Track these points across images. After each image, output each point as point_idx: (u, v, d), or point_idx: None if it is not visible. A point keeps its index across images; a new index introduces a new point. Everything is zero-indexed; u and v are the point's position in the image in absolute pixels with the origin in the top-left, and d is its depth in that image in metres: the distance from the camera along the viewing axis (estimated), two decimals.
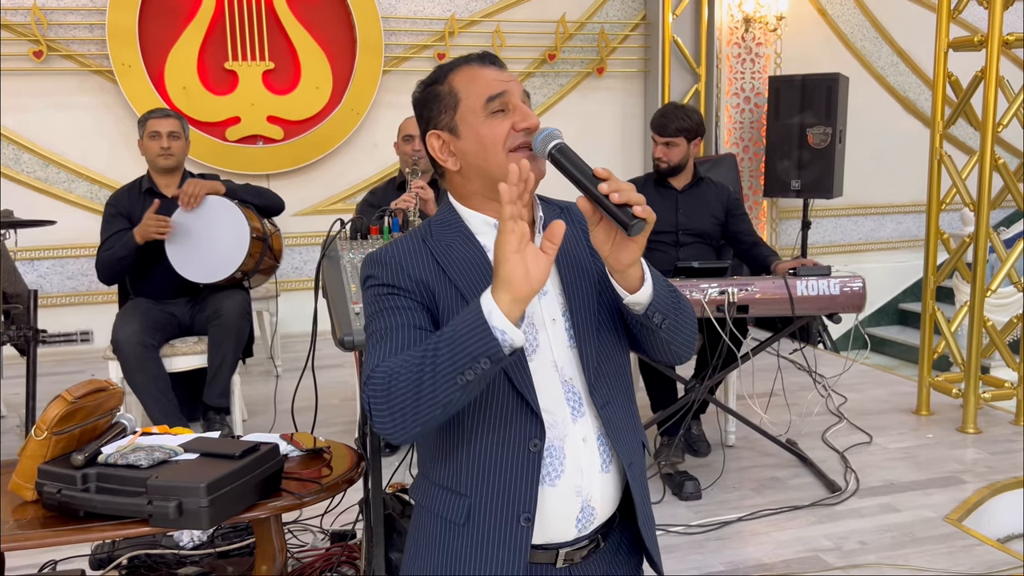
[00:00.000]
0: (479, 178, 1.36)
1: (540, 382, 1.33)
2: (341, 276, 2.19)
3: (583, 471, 1.35)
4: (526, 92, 1.40)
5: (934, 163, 3.98)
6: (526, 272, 1.16)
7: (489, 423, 1.33)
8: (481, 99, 1.34)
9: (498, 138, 1.33)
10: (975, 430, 3.81)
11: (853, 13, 6.72)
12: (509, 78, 1.37)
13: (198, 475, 1.84)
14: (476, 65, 1.38)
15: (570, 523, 1.36)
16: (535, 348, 1.34)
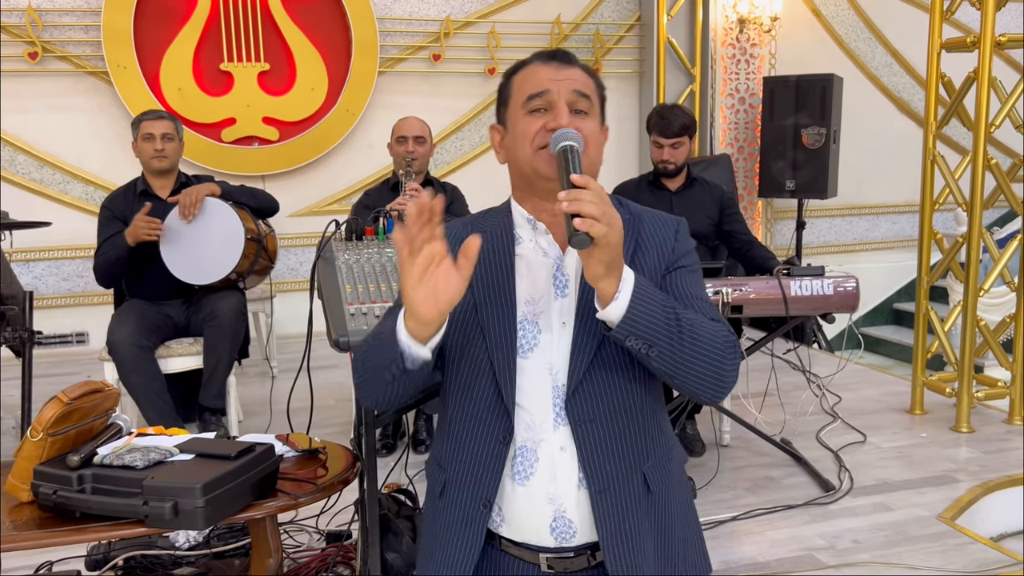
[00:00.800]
0: (516, 172, 1.42)
1: (529, 382, 1.35)
2: (336, 277, 2.20)
3: (556, 479, 1.35)
4: (599, 88, 1.42)
5: (927, 163, 4.00)
6: (433, 296, 1.20)
7: (467, 407, 1.40)
8: (524, 95, 1.37)
9: (528, 134, 1.35)
10: (968, 429, 3.83)
11: (847, 14, 6.74)
12: (563, 76, 1.36)
13: (194, 476, 1.85)
14: (537, 63, 1.40)
15: (543, 528, 1.36)
16: (532, 347, 1.36)
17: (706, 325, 1.30)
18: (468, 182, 6.02)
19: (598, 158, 1.39)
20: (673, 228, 1.44)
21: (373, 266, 2.26)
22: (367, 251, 2.35)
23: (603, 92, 1.45)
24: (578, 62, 1.41)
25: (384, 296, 2.11)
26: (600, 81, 1.45)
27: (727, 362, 1.30)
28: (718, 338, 1.30)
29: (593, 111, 1.38)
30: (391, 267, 2.26)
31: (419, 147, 3.80)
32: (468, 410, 1.39)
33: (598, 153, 1.39)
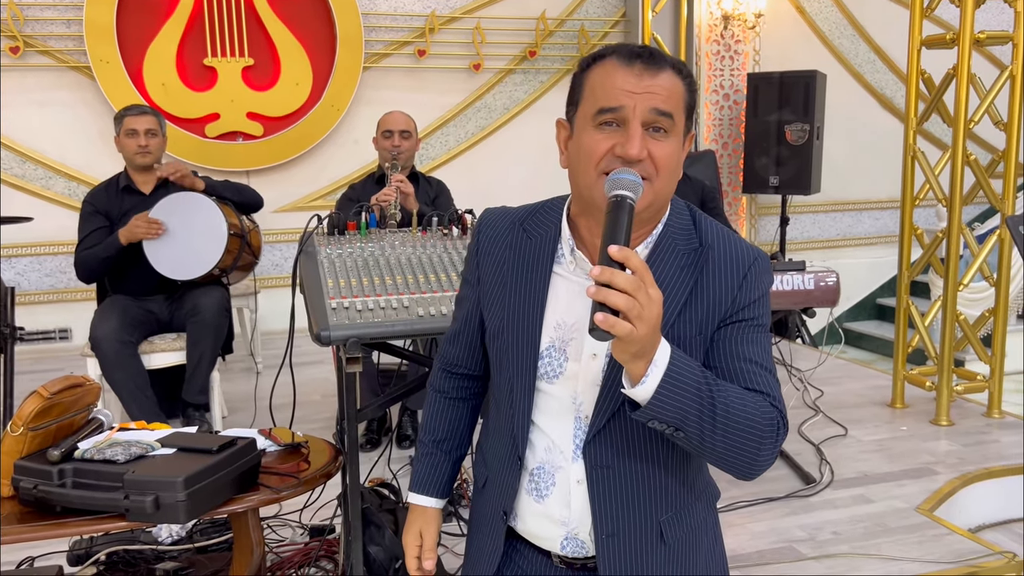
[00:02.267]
0: (575, 188, 1.28)
1: (553, 407, 1.31)
2: (318, 271, 2.20)
3: (571, 508, 1.31)
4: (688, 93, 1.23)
5: (908, 159, 4.03)
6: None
7: (497, 416, 1.40)
8: (596, 105, 1.21)
9: (594, 154, 1.20)
10: (948, 422, 3.87)
11: (831, 11, 6.78)
12: (644, 88, 1.18)
13: (175, 469, 1.85)
14: (617, 62, 1.21)
15: (555, 543, 1.35)
16: (558, 374, 1.29)
17: (747, 407, 1.16)
18: (453, 178, 6.00)
19: (668, 186, 1.23)
20: (742, 271, 1.24)
21: (356, 260, 2.26)
22: (349, 246, 2.35)
23: (693, 96, 1.25)
24: (668, 62, 1.21)
25: (366, 291, 2.12)
26: (692, 82, 1.25)
27: (764, 446, 1.18)
28: (757, 421, 1.16)
29: (675, 128, 1.21)
30: (373, 261, 2.26)
31: (405, 141, 3.80)
32: (497, 420, 1.40)
33: (670, 180, 1.22)
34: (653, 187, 1.20)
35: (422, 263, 2.27)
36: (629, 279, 1.03)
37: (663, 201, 1.25)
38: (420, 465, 1.53)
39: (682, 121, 1.22)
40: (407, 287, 2.15)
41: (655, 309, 1.05)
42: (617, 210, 1.12)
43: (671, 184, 1.23)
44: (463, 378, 1.51)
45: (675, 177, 1.24)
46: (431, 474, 1.51)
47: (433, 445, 1.51)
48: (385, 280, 2.17)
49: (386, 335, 2.01)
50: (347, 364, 1.98)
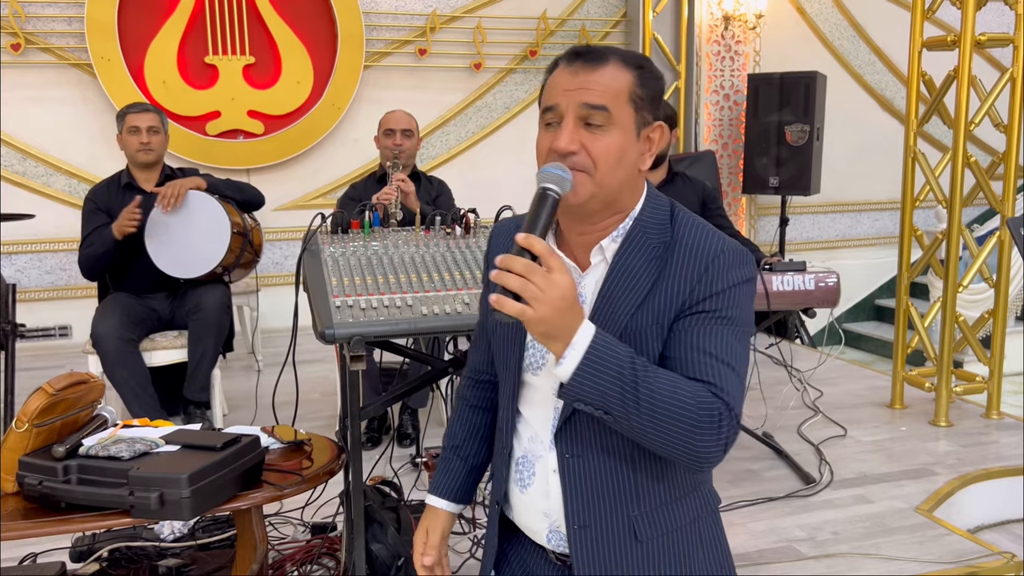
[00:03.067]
0: None
1: (536, 398, 1.35)
2: (322, 270, 2.21)
3: (549, 498, 1.33)
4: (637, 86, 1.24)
5: (908, 161, 4.05)
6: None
7: (501, 409, 1.43)
8: (542, 106, 1.28)
9: (541, 152, 1.26)
10: (947, 423, 3.88)
11: (831, 12, 6.79)
12: (577, 85, 1.22)
13: (179, 466, 1.86)
14: (563, 63, 1.27)
15: (541, 536, 1.37)
16: (541, 365, 1.32)
17: (678, 393, 1.15)
18: (454, 177, 6.01)
19: (612, 177, 1.23)
20: (704, 264, 1.23)
21: (359, 259, 2.27)
22: (353, 244, 2.36)
23: (648, 86, 1.25)
24: (613, 57, 1.24)
25: (370, 289, 2.12)
26: (645, 73, 1.25)
27: (700, 434, 1.15)
28: (688, 408, 1.14)
29: (614, 120, 1.22)
30: (376, 260, 2.27)
31: (406, 140, 3.81)
32: (500, 413, 1.43)
33: (612, 171, 1.23)
34: (593, 179, 1.22)
35: (425, 262, 2.28)
36: (524, 263, 1.10)
37: (611, 192, 1.25)
38: (437, 469, 1.56)
39: (626, 112, 1.23)
40: (410, 286, 2.16)
41: (556, 292, 1.10)
42: (537, 201, 1.18)
43: (615, 175, 1.24)
44: (485, 386, 1.54)
45: (622, 169, 1.24)
46: (444, 478, 1.54)
47: (451, 451, 1.54)
48: (388, 279, 2.17)
49: (389, 333, 2.02)
50: (351, 362, 1.98)
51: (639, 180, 1.29)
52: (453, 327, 2.07)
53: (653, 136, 1.27)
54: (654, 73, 1.28)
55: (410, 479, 3.20)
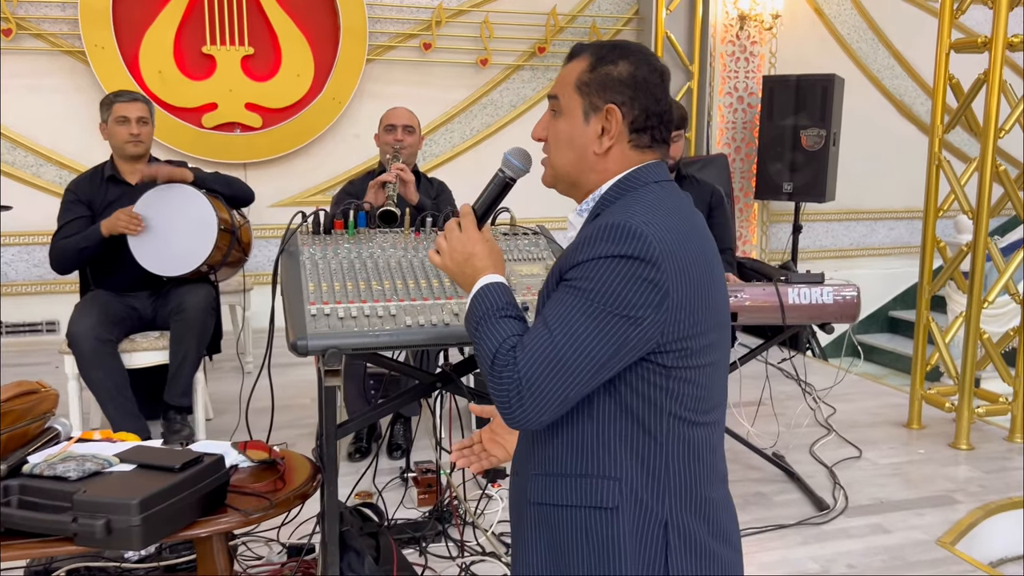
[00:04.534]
0: None
1: None
2: (300, 273, 2.02)
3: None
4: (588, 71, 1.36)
5: (932, 168, 3.84)
6: None
7: None
8: None
9: None
10: (968, 446, 3.67)
11: (850, 14, 6.58)
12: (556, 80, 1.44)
13: (130, 490, 1.68)
14: None
15: None
16: None
17: (491, 336, 1.28)
18: (458, 176, 5.84)
19: (559, 159, 1.38)
20: (583, 236, 1.29)
21: (340, 262, 2.08)
22: (335, 246, 2.17)
23: (594, 70, 1.35)
24: (584, 52, 1.38)
25: (350, 296, 1.94)
26: (596, 58, 1.35)
27: (491, 383, 1.26)
28: (487, 356, 1.27)
29: (562, 106, 1.37)
30: (360, 264, 2.08)
31: (408, 136, 3.64)
32: None
33: (560, 154, 1.38)
34: (547, 162, 1.41)
35: (413, 267, 2.09)
36: (450, 223, 1.42)
37: (565, 174, 1.39)
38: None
39: (574, 99, 1.36)
40: (395, 293, 1.97)
41: (458, 247, 1.39)
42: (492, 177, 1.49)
43: (564, 158, 1.38)
44: None
45: (571, 151, 1.37)
46: None
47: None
48: (372, 285, 1.99)
49: (369, 346, 1.83)
50: (325, 377, 1.80)
51: (599, 162, 1.36)
52: (440, 340, 1.88)
53: (607, 120, 1.34)
54: (613, 60, 1.35)
55: (397, 495, 3.01)
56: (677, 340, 1.26)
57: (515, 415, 1.24)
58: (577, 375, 1.22)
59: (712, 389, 1.34)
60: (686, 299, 1.25)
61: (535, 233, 2.34)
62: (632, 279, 1.21)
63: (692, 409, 1.31)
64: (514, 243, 2.27)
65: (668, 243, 1.24)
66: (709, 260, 1.31)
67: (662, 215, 1.27)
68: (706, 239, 1.34)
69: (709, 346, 1.31)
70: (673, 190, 1.37)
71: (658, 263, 1.22)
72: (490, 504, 2.96)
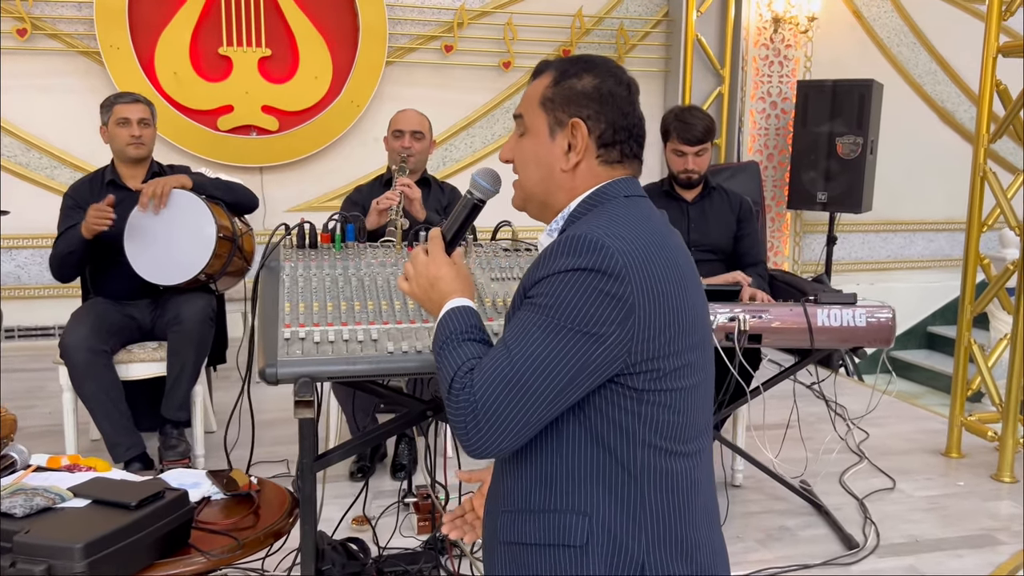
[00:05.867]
0: None
1: None
2: (277, 291, 1.86)
3: None
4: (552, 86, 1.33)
5: (976, 180, 3.60)
6: None
7: None
8: None
9: None
10: (1011, 479, 3.43)
11: (890, 17, 6.32)
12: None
13: (76, 532, 1.53)
14: None
15: None
16: None
17: (451, 360, 1.23)
18: None
19: (527, 179, 1.35)
20: (541, 255, 1.25)
21: (322, 280, 1.92)
22: (318, 262, 2.01)
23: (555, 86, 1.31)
24: (547, 70, 1.34)
25: (329, 318, 1.77)
26: (557, 74, 1.32)
27: (449, 400, 1.19)
28: (449, 375, 1.21)
29: (526, 125, 1.34)
30: (344, 282, 1.92)
31: (416, 143, 3.49)
32: None
33: (527, 174, 1.35)
34: (517, 183, 1.38)
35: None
36: (416, 250, 1.40)
37: (534, 194, 1.35)
38: None
39: (538, 116, 1.32)
40: (379, 315, 1.80)
41: (423, 271, 1.36)
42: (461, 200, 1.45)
43: (531, 177, 1.34)
44: None
45: (538, 170, 1.33)
46: None
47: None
48: (354, 306, 1.82)
49: (344, 375, 1.67)
50: (296, 409, 1.63)
51: (566, 179, 1.31)
52: (423, 369, 1.70)
53: (572, 135, 1.29)
54: (576, 74, 1.30)
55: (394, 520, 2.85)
56: (647, 360, 1.18)
57: (472, 441, 1.17)
58: (536, 398, 1.14)
59: (692, 415, 1.26)
60: (655, 315, 1.17)
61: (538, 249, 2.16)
62: (593, 293, 1.15)
63: (669, 438, 1.22)
64: (515, 260, 2.09)
65: (634, 255, 1.17)
66: (683, 275, 1.24)
67: (629, 227, 1.22)
68: (680, 253, 1.27)
69: (686, 367, 1.23)
70: (644, 204, 1.31)
71: (621, 276, 1.15)
72: None
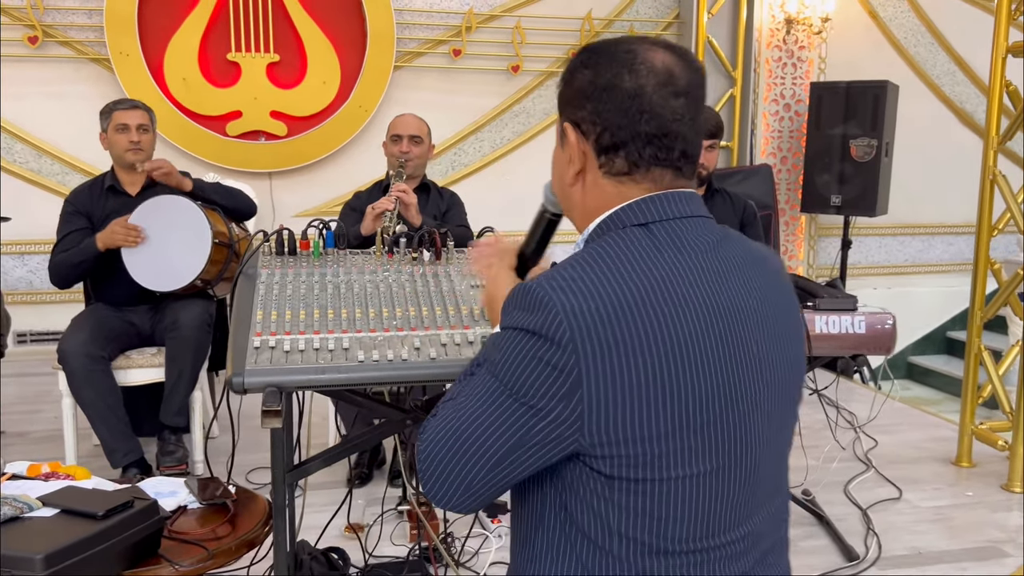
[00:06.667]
0: None
1: None
2: (252, 299, 1.85)
3: None
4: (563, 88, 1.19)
5: (986, 183, 3.53)
6: None
7: None
8: None
9: None
10: (1022, 489, 3.34)
11: (907, 17, 6.22)
12: None
13: (39, 541, 1.52)
14: None
15: None
16: None
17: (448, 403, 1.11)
18: (487, 187, 5.69)
19: (558, 186, 1.22)
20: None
21: (297, 287, 1.90)
22: (295, 269, 2.00)
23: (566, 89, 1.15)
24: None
25: (301, 326, 1.75)
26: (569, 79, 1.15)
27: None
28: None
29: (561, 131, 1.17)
30: (319, 289, 1.90)
31: (414, 147, 3.47)
32: None
33: (555, 185, 1.24)
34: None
35: (379, 293, 1.90)
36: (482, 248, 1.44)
37: (566, 203, 1.22)
38: None
39: (560, 122, 1.17)
40: (352, 324, 1.78)
41: (489, 288, 1.33)
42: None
43: (557, 187, 1.23)
44: None
45: (557, 184, 1.22)
46: None
47: None
48: (327, 314, 1.80)
49: (312, 384, 1.64)
50: (264, 418, 1.61)
51: (576, 195, 1.17)
52: (396, 378, 1.68)
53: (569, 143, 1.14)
54: (578, 67, 1.13)
55: (391, 529, 2.83)
56: (610, 443, 0.98)
57: (424, 489, 1.08)
58: (475, 462, 1.03)
59: (709, 506, 1.03)
60: (618, 392, 0.96)
61: None
62: (534, 360, 0.98)
63: (661, 535, 1.01)
64: None
65: (592, 317, 0.96)
66: (703, 334, 0.99)
67: (610, 275, 0.99)
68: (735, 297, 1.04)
69: (685, 451, 0.99)
70: (675, 235, 1.06)
71: (563, 344, 0.96)
72: (485, 543, 2.75)
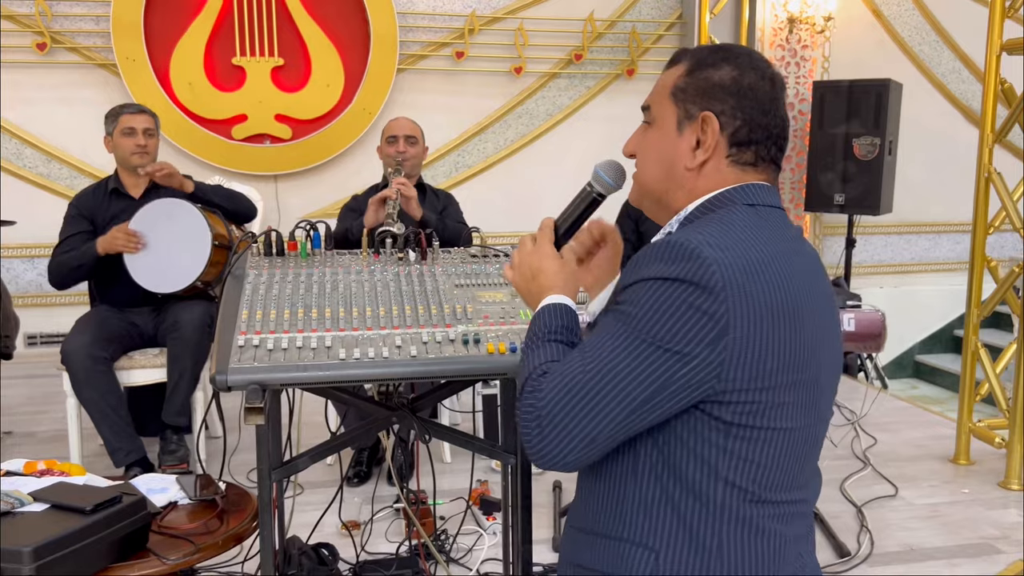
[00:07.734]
0: None
1: None
2: (239, 299, 1.89)
3: None
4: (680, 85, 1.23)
5: (981, 180, 3.53)
6: None
7: None
8: None
9: None
10: (1019, 486, 3.34)
11: (911, 14, 6.21)
12: None
13: (28, 535, 1.56)
14: None
15: None
16: None
17: (530, 360, 1.17)
18: (490, 188, 5.72)
19: (644, 174, 1.27)
20: (636, 259, 1.15)
21: (283, 287, 1.94)
22: (282, 269, 2.03)
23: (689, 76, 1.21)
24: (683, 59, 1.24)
25: (285, 325, 1.79)
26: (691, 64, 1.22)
27: (519, 403, 1.12)
28: (524, 376, 1.15)
29: (655, 120, 1.25)
30: (305, 289, 1.94)
31: (410, 147, 3.53)
32: None
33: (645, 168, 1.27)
34: (636, 177, 1.29)
35: (363, 293, 1.94)
36: (526, 237, 1.32)
37: (651, 191, 1.26)
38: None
39: (667, 107, 1.22)
40: (336, 322, 1.81)
41: (527, 260, 1.29)
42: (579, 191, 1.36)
43: (650, 173, 1.25)
44: None
45: (658, 166, 1.23)
46: None
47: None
48: (311, 313, 1.84)
49: (294, 382, 1.68)
50: (246, 416, 1.65)
51: (688, 179, 1.21)
52: (377, 375, 1.72)
53: (702, 130, 1.19)
54: (714, 63, 1.20)
55: (385, 526, 2.86)
56: (740, 390, 1.06)
57: (535, 449, 1.09)
58: (606, 413, 1.05)
59: (787, 462, 1.12)
60: (755, 340, 1.05)
61: (507, 256, 2.16)
62: (683, 306, 1.04)
63: (757, 482, 1.10)
64: (482, 267, 2.10)
65: (738, 271, 1.05)
66: (798, 302, 1.09)
67: (739, 238, 1.09)
68: (803, 278, 1.12)
69: (785, 405, 1.10)
70: (770, 216, 1.17)
71: (717, 291, 1.03)
72: (479, 541, 2.79)
